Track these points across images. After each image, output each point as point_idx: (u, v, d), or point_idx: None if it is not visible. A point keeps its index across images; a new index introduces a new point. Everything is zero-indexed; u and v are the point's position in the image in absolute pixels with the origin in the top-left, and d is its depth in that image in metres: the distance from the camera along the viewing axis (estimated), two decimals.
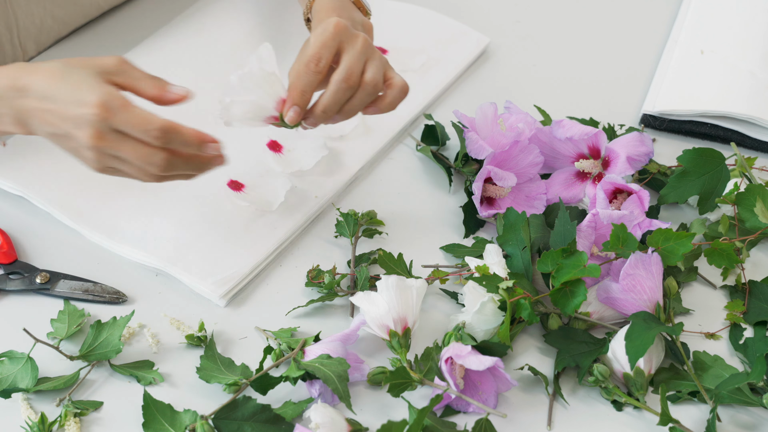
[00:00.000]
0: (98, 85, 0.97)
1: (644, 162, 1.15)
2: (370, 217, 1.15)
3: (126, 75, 1.00)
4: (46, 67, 1.00)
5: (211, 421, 0.95)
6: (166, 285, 1.10)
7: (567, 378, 1.03)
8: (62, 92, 0.98)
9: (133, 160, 0.99)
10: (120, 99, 0.97)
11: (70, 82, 0.98)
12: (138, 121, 0.96)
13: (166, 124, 0.97)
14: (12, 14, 1.24)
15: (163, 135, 0.97)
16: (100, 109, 0.96)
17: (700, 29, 1.41)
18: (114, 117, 0.96)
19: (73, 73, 0.98)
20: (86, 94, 0.97)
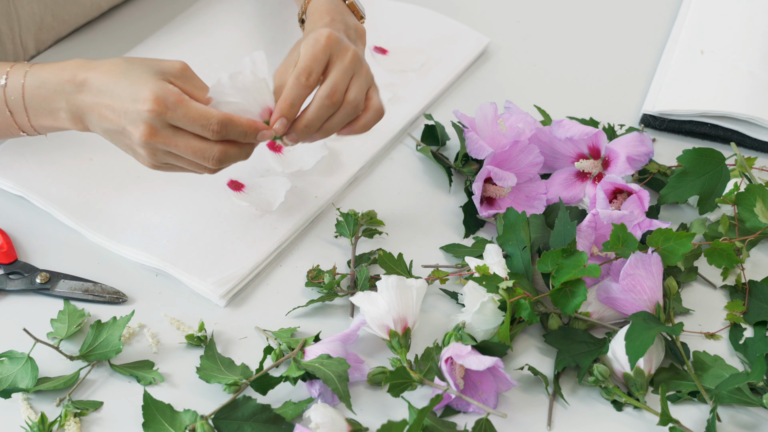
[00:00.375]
0: (155, 81, 0.98)
1: (644, 162, 1.16)
2: (370, 217, 1.15)
3: (186, 80, 1.00)
4: (107, 63, 1.01)
5: (211, 421, 0.95)
6: (166, 285, 1.10)
7: (567, 378, 1.03)
8: (120, 87, 0.98)
9: (188, 155, 0.99)
10: (175, 94, 0.97)
11: (129, 77, 0.98)
12: (196, 116, 0.97)
13: (224, 116, 0.97)
14: (14, 12, 1.24)
15: (221, 128, 0.97)
16: (155, 104, 0.96)
17: (700, 29, 1.41)
18: (169, 112, 0.97)
19: (133, 69, 0.99)
20: (142, 89, 0.97)
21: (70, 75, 1.01)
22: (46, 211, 1.14)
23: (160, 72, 0.99)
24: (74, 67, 1.02)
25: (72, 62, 1.03)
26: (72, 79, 1.01)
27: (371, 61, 1.35)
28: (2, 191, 1.16)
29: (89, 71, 1.01)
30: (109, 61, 1.02)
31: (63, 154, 1.18)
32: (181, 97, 0.97)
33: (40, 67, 1.04)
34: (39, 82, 1.03)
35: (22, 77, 1.03)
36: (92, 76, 1.00)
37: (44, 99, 1.03)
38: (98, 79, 1.00)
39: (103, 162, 1.18)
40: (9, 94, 1.04)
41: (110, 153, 1.17)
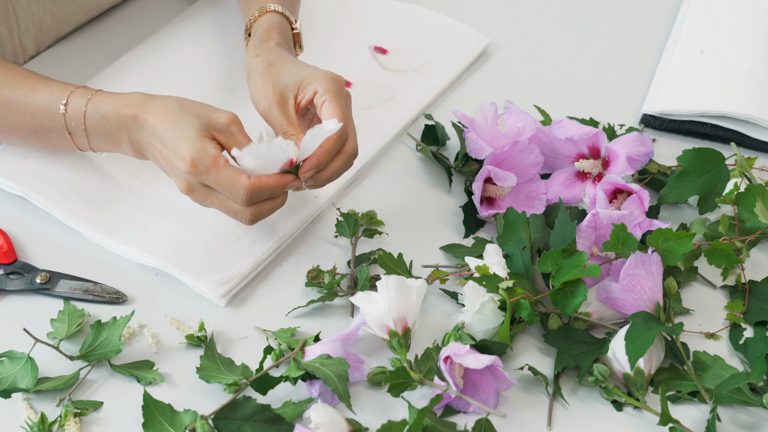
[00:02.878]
0: (195, 140, 1.01)
1: (644, 162, 1.16)
2: (370, 217, 1.15)
3: (230, 136, 1.03)
4: (163, 106, 1.04)
5: (211, 421, 0.95)
6: (166, 285, 1.10)
7: (567, 378, 1.03)
8: (168, 137, 1.02)
9: (223, 212, 1.04)
10: (210, 158, 1.00)
11: (176, 128, 1.02)
12: (226, 183, 1.00)
13: (252, 185, 1.00)
14: (13, 13, 1.24)
15: (250, 197, 1.01)
16: (190, 166, 1.00)
17: (700, 29, 1.41)
18: (203, 175, 1.01)
19: (181, 120, 1.02)
20: (183, 147, 1.01)
21: (132, 112, 1.05)
22: (46, 211, 1.14)
23: (205, 127, 1.02)
24: (136, 105, 1.05)
25: (133, 98, 1.06)
26: (135, 117, 1.05)
27: (371, 61, 1.36)
28: (2, 191, 1.16)
29: (148, 112, 1.04)
30: (165, 104, 1.05)
31: (63, 154, 1.18)
32: (215, 162, 1.00)
33: (102, 98, 1.07)
34: (101, 115, 1.07)
35: (84, 105, 1.07)
36: (149, 118, 1.04)
37: (106, 130, 1.08)
38: (153, 122, 1.04)
39: (103, 162, 1.18)
40: (69, 121, 1.09)
41: (110, 153, 1.18)
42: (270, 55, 1.13)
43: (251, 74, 1.13)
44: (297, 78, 1.09)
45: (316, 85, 1.08)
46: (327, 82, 1.08)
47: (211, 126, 1.02)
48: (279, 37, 1.16)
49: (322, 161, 1.04)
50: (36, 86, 1.10)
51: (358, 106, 1.29)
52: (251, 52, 1.15)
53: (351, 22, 1.41)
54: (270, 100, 1.09)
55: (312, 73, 1.09)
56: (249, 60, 1.14)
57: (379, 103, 1.30)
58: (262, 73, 1.11)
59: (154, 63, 1.31)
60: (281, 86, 1.10)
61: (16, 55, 1.29)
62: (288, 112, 1.09)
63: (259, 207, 1.03)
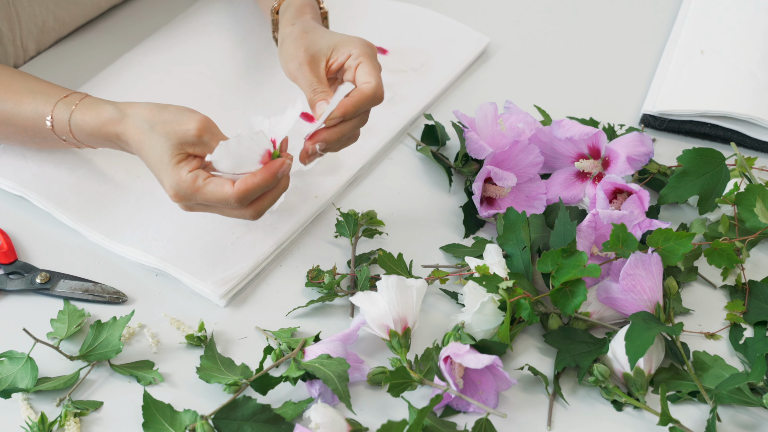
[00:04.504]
0: (171, 171, 1.00)
1: (644, 162, 1.16)
2: (370, 217, 1.15)
3: (205, 147, 1.02)
4: (137, 127, 1.04)
5: (211, 421, 0.95)
6: (166, 285, 1.10)
7: (567, 378, 1.03)
8: (149, 162, 1.03)
9: (226, 216, 1.05)
10: (189, 185, 1.00)
11: (152, 153, 1.02)
12: (214, 200, 1.00)
13: (238, 192, 0.99)
14: (15, 15, 1.24)
15: (242, 201, 1.00)
16: (175, 197, 1.01)
17: (700, 29, 1.41)
18: (191, 200, 1.01)
19: (154, 143, 1.02)
20: (163, 176, 1.01)
21: (113, 132, 1.06)
22: (46, 211, 1.14)
23: (177, 147, 1.01)
24: (112, 123, 1.05)
25: (107, 114, 1.06)
26: (117, 137, 1.06)
27: None
28: (2, 191, 1.16)
29: (126, 130, 1.04)
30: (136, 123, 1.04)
31: (63, 154, 1.18)
32: (194, 186, 1.00)
33: (82, 115, 1.07)
34: (86, 133, 1.08)
35: (67, 121, 1.08)
36: (129, 139, 1.04)
37: (96, 142, 1.09)
38: (132, 143, 1.04)
39: (103, 162, 1.18)
40: (59, 133, 1.09)
41: (110, 153, 1.18)
42: (305, 24, 1.13)
43: (285, 40, 1.12)
44: (331, 42, 1.10)
45: (350, 49, 1.08)
46: (362, 45, 1.09)
47: (183, 143, 1.01)
48: (312, 12, 1.17)
49: (349, 112, 1.04)
50: (21, 99, 1.10)
51: None
52: (286, 21, 1.15)
53: (351, 22, 1.41)
54: (301, 60, 1.09)
55: (347, 38, 1.10)
56: (284, 28, 1.14)
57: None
58: (297, 38, 1.11)
59: (154, 63, 1.31)
60: (315, 49, 1.10)
61: (17, 56, 1.29)
62: (319, 72, 1.09)
63: (257, 204, 1.02)
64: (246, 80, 1.31)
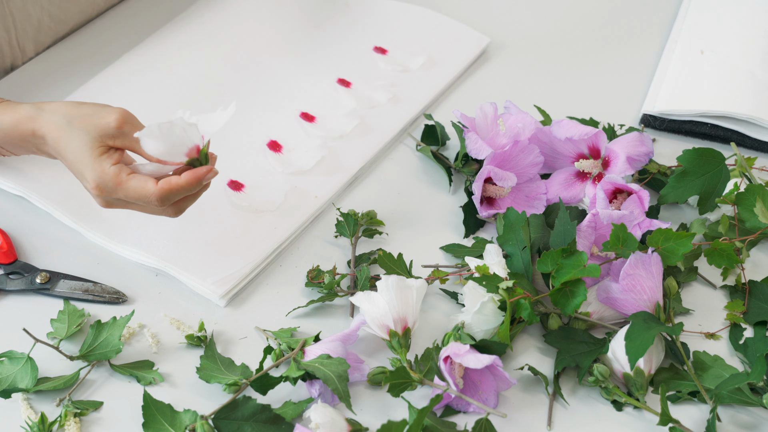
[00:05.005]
0: (93, 163, 1.00)
1: (644, 162, 1.16)
2: (370, 217, 1.15)
3: (126, 138, 1.01)
4: (54, 122, 1.02)
5: (211, 421, 0.95)
6: (166, 285, 1.10)
7: (567, 378, 1.03)
8: (68, 158, 1.02)
9: (146, 213, 1.03)
10: (113, 178, 0.99)
11: (71, 149, 1.01)
12: (135, 196, 0.99)
13: (161, 191, 0.99)
14: (9, 15, 1.24)
15: (163, 201, 0.99)
16: (97, 190, 1.00)
17: (700, 29, 1.41)
18: (113, 194, 1.00)
19: (73, 138, 1.01)
20: (84, 171, 1.00)
21: (28, 129, 1.04)
22: (46, 211, 1.14)
23: (97, 141, 1.00)
24: (28, 120, 1.03)
25: (23, 112, 1.04)
26: (33, 134, 1.04)
27: (371, 61, 1.35)
28: (2, 191, 1.16)
29: (42, 126, 1.03)
30: (53, 118, 1.02)
31: None
32: (118, 179, 0.99)
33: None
34: (3, 133, 1.05)
35: None
36: (46, 135, 1.03)
37: (15, 143, 1.06)
38: (50, 139, 1.03)
39: None
40: None
41: None
42: None
43: None
44: None
45: None
46: None
47: (103, 136, 1.00)
48: None
49: None
50: None
51: (358, 106, 1.29)
52: None
53: (352, 22, 1.41)
54: None
55: None
56: None
57: (379, 103, 1.30)
58: None
59: (154, 63, 1.31)
60: None
61: (14, 57, 1.29)
62: None
63: (179, 205, 1.02)
64: (245, 81, 1.31)
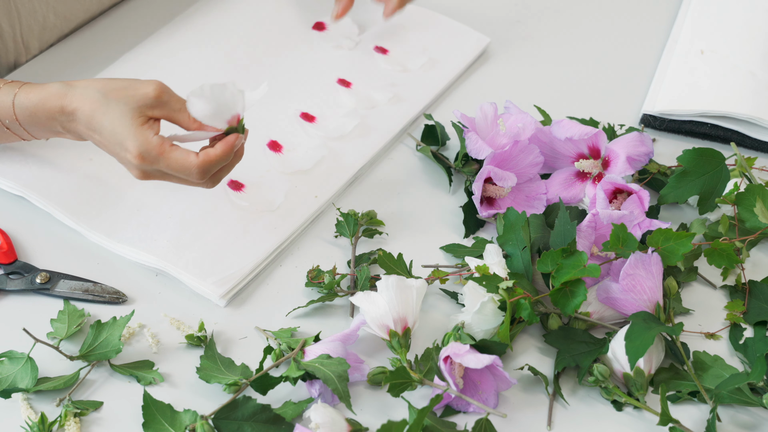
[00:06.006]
0: (135, 132, 1.00)
1: (644, 162, 1.16)
2: (370, 217, 1.15)
3: (165, 107, 1.01)
4: (88, 96, 1.02)
5: (211, 421, 0.95)
6: (166, 285, 1.10)
7: (567, 378, 1.03)
8: (105, 129, 1.01)
9: (181, 185, 1.04)
10: (156, 147, 0.99)
11: (110, 119, 1.01)
12: (177, 167, 1.00)
13: (202, 163, 1.00)
14: (15, 11, 1.24)
15: (203, 174, 1.00)
16: (138, 159, 1.00)
17: (700, 29, 1.41)
18: (154, 164, 1.00)
19: (112, 109, 1.00)
20: (125, 140, 1.00)
21: (56, 105, 1.03)
22: (46, 211, 1.14)
23: (137, 111, 1.00)
24: (57, 96, 1.03)
25: (54, 90, 1.04)
26: (61, 110, 1.03)
27: (371, 60, 1.35)
28: (2, 191, 1.16)
29: (73, 101, 1.02)
30: (87, 93, 1.02)
31: (63, 154, 1.18)
32: (161, 149, 0.99)
33: (26, 93, 1.05)
34: (29, 112, 1.05)
35: (11, 104, 1.06)
36: (78, 108, 1.02)
37: (40, 123, 1.06)
38: (83, 112, 1.02)
39: (103, 162, 1.18)
40: (3, 118, 1.07)
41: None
42: None
43: None
44: None
45: None
46: None
47: (142, 107, 1.00)
48: None
49: None
50: None
51: (358, 106, 1.29)
52: None
53: (352, 21, 1.41)
54: None
55: None
56: None
57: (379, 103, 1.30)
58: None
59: (156, 62, 1.31)
60: None
61: (18, 53, 1.29)
62: None
63: (216, 176, 1.03)
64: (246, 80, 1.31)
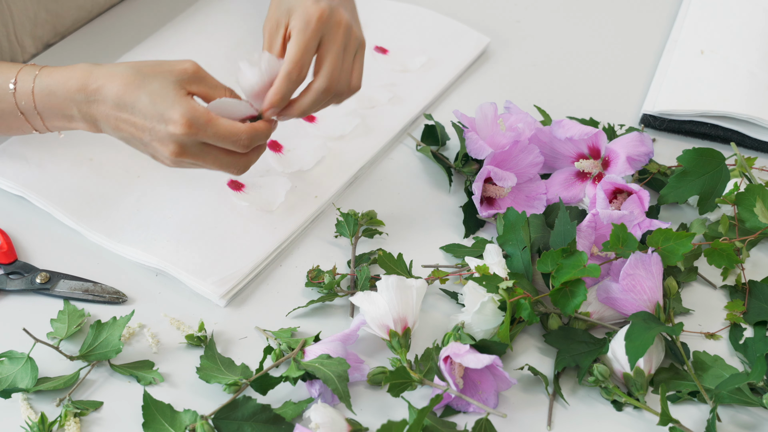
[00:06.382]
0: (181, 100, 0.98)
1: (644, 162, 1.16)
2: (370, 217, 1.15)
3: (203, 83, 1.00)
4: (119, 72, 1.00)
5: (211, 421, 0.95)
6: (166, 285, 1.10)
7: (567, 378, 1.03)
8: (142, 103, 0.98)
9: (214, 168, 1.02)
10: (204, 114, 0.98)
11: (148, 92, 0.98)
12: (226, 133, 0.98)
13: (251, 130, 0.99)
14: (7, 9, 1.24)
15: (251, 141, 0.99)
16: (186, 127, 0.97)
17: (700, 29, 1.41)
18: (201, 132, 0.98)
19: (150, 83, 0.98)
20: (169, 109, 0.97)
21: (78, 83, 1.01)
22: (46, 211, 1.14)
23: (179, 83, 0.99)
24: (82, 75, 1.01)
25: (78, 68, 1.02)
26: (82, 88, 1.01)
27: (371, 61, 1.36)
28: (2, 191, 1.16)
29: (100, 79, 1.00)
30: (120, 69, 1.00)
31: (63, 154, 1.18)
32: (209, 116, 0.98)
33: (48, 72, 1.04)
34: (48, 91, 1.03)
35: (32, 82, 1.04)
36: (105, 86, 1.00)
37: (56, 106, 1.03)
38: (113, 90, 0.99)
39: (103, 161, 1.19)
40: (20, 100, 1.05)
41: (110, 153, 1.18)
42: None
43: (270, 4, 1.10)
44: (288, 5, 1.06)
45: (294, 16, 1.05)
46: (298, 16, 1.04)
47: (183, 80, 0.99)
48: None
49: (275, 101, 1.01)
50: None
51: (358, 106, 1.29)
52: None
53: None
54: (264, 25, 1.07)
55: (296, 4, 1.05)
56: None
57: (379, 103, 1.30)
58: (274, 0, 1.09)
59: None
60: (279, 13, 1.06)
61: (14, 53, 1.29)
62: (275, 41, 1.06)
63: (252, 154, 1.02)
64: None
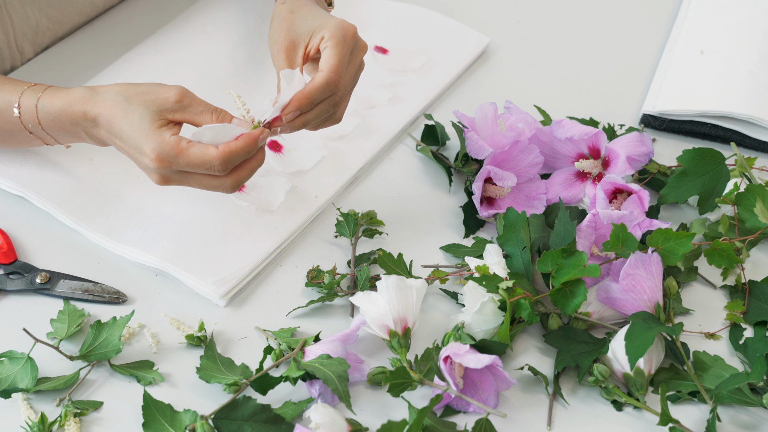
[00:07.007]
0: (153, 134, 1.00)
1: (644, 162, 1.16)
2: (370, 217, 1.15)
3: (186, 111, 1.02)
4: (110, 100, 1.03)
5: (211, 421, 0.95)
6: (166, 285, 1.10)
7: (567, 378, 1.03)
8: (125, 133, 1.01)
9: (204, 189, 1.03)
10: (173, 146, 0.99)
11: (129, 122, 1.01)
12: (198, 162, 0.99)
13: (224, 154, 0.99)
14: (7, 17, 1.24)
15: (225, 165, 0.99)
16: (157, 161, 0.99)
17: (700, 29, 1.41)
18: (174, 164, 0.99)
19: (132, 113, 1.01)
20: (143, 143, 1.00)
21: (80, 111, 1.04)
22: (46, 211, 1.14)
23: (157, 114, 1.00)
24: (81, 101, 1.04)
25: (77, 94, 1.05)
26: (84, 115, 1.04)
27: (371, 61, 1.36)
28: (2, 191, 1.16)
29: (96, 106, 1.03)
30: (110, 97, 1.03)
31: (63, 154, 1.18)
32: (178, 148, 0.99)
33: (49, 98, 1.06)
34: (52, 116, 1.06)
35: (34, 108, 1.06)
36: (99, 114, 1.03)
37: (63, 128, 1.06)
38: (105, 117, 1.03)
39: (103, 162, 1.19)
40: (26, 123, 1.07)
41: (110, 153, 1.18)
42: (294, 4, 1.12)
43: (273, 20, 1.12)
44: (311, 26, 1.08)
45: (323, 32, 1.07)
46: (333, 28, 1.07)
47: (163, 111, 1.01)
48: None
49: (303, 105, 1.03)
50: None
51: (358, 106, 1.29)
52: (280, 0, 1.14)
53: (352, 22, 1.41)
54: (280, 46, 1.08)
55: (325, 21, 1.08)
56: (276, 7, 1.13)
57: (379, 103, 1.30)
58: (282, 19, 1.10)
59: (154, 63, 1.31)
60: (295, 34, 1.08)
61: (14, 59, 1.29)
62: (295, 59, 1.08)
63: (237, 174, 1.02)
64: (246, 80, 1.31)
